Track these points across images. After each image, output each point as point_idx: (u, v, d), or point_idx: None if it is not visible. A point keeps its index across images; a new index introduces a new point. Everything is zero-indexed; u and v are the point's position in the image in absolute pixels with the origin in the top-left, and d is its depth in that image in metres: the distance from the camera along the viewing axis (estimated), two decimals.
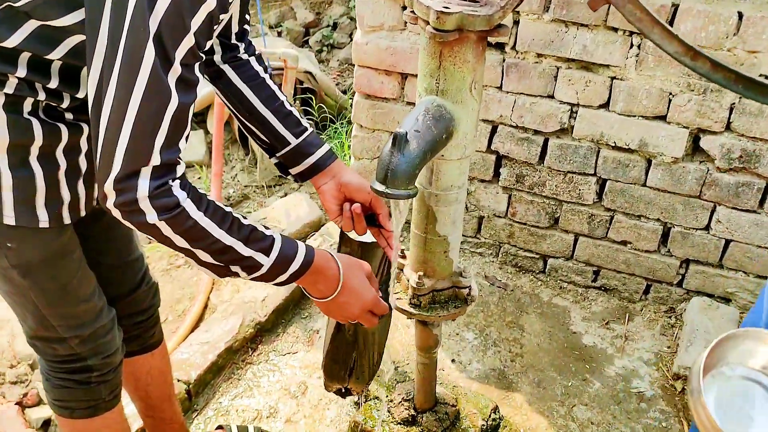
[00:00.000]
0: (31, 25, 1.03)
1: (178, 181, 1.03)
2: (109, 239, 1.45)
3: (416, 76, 2.41)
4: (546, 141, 2.40)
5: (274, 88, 1.38)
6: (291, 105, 1.40)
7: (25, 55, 1.06)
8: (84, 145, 1.19)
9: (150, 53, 0.92)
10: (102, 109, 0.97)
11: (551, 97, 2.30)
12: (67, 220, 1.22)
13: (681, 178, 2.28)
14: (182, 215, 1.02)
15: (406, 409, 1.96)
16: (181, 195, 1.02)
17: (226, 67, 1.36)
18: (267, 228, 1.15)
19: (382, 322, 1.41)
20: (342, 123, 3.39)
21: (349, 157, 2.83)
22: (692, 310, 2.43)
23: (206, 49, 1.03)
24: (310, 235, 2.74)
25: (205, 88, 2.80)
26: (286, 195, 3.00)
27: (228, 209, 1.11)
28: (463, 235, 2.45)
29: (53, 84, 1.10)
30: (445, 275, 1.65)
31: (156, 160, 0.99)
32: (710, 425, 0.97)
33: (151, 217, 1.00)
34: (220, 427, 1.93)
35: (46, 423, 2.12)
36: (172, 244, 1.05)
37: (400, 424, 1.93)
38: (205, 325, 2.35)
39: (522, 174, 2.49)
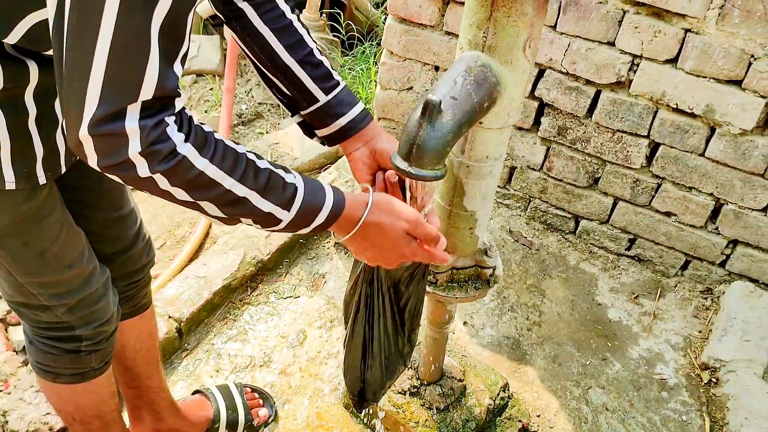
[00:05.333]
0: None
1: (174, 118, 0.80)
2: (101, 190, 1.23)
3: (460, 2, 2.12)
4: (598, 93, 2.12)
5: (303, 32, 1.12)
6: (321, 54, 1.15)
7: None
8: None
9: None
10: (64, 23, 0.72)
11: (611, 44, 2.01)
12: (42, 179, 1.01)
13: (746, 152, 2.01)
14: (182, 164, 0.81)
15: (408, 378, 1.81)
16: (178, 138, 0.80)
17: (245, 6, 1.09)
18: (288, 171, 0.94)
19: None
20: (371, 44, 3.09)
21: (375, 84, 2.57)
22: (732, 295, 2.22)
23: None
24: (325, 167, 2.52)
25: None
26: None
27: (242, 150, 0.89)
28: None
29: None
30: (468, 253, 1.45)
31: (148, 90, 0.75)
32: None
33: (143, 169, 0.79)
34: (197, 391, 1.78)
35: None
36: (172, 197, 0.85)
37: (401, 393, 1.78)
38: (204, 258, 2.19)
39: (565, 126, 2.22)
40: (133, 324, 1.44)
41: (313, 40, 1.15)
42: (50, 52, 0.91)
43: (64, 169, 1.05)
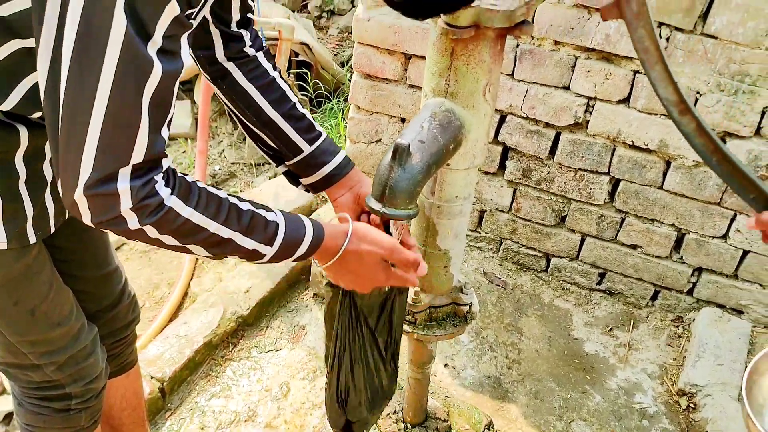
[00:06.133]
0: None
1: (161, 175, 0.85)
2: (86, 249, 1.27)
3: (421, 57, 2.22)
4: (558, 135, 2.22)
5: (285, 87, 1.19)
6: (303, 107, 1.22)
7: None
8: (48, 150, 1.01)
9: (120, 22, 0.72)
10: (60, 97, 0.76)
11: (567, 88, 2.12)
12: (32, 238, 1.04)
13: (702, 183, 2.11)
14: (169, 214, 0.85)
15: (394, 422, 1.82)
16: (164, 192, 0.84)
17: (230, 66, 1.16)
18: (269, 210, 0.98)
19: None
20: (339, 101, 3.19)
21: (345, 138, 2.65)
22: (702, 322, 2.29)
23: (195, 15, 0.84)
24: None
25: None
26: (275, 176, 2.82)
27: (223, 195, 0.93)
28: None
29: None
30: (444, 291, 1.50)
31: (138, 155, 0.80)
32: None
33: (133, 222, 0.83)
34: None
35: (8, 416, 1.97)
36: (162, 244, 0.89)
37: None
38: (184, 317, 2.20)
39: (529, 168, 2.32)
40: (119, 383, 1.45)
41: (295, 95, 1.22)
42: (38, 115, 0.96)
43: (53, 229, 1.08)
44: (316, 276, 2.32)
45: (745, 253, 2.20)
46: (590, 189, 2.27)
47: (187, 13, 0.78)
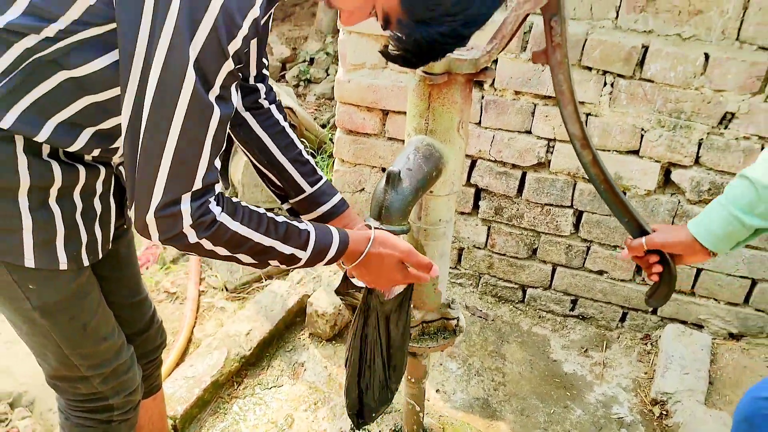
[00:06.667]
0: (55, 79, 1.04)
1: (214, 197, 1.06)
2: (121, 278, 1.46)
3: (397, 112, 2.48)
4: (524, 175, 2.47)
5: (293, 136, 1.42)
6: (308, 154, 1.44)
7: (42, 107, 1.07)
8: (99, 187, 1.21)
9: (191, 77, 0.93)
10: (138, 136, 0.97)
11: (528, 132, 2.39)
12: (85, 261, 1.23)
13: (654, 209, 2.37)
14: (220, 229, 1.06)
15: None
16: (216, 210, 1.05)
17: (247, 115, 1.39)
18: (300, 221, 1.19)
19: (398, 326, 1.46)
20: (323, 157, 3.44)
21: None
22: (667, 337, 2.50)
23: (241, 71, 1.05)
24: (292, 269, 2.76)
25: None
26: None
27: (261, 211, 1.14)
28: None
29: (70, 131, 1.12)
30: (434, 307, 1.69)
31: (198, 182, 1.01)
32: None
33: (192, 237, 1.03)
34: None
35: None
36: (215, 255, 1.09)
37: None
38: (190, 360, 2.35)
39: (501, 206, 2.56)
40: (147, 405, 1.61)
41: (301, 142, 1.45)
42: (95, 154, 1.17)
43: (100, 255, 1.27)
44: (311, 316, 2.50)
45: (699, 271, 2.44)
46: (557, 222, 2.51)
47: (237, 67, 1.00)
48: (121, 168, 1.28)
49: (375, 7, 1.03)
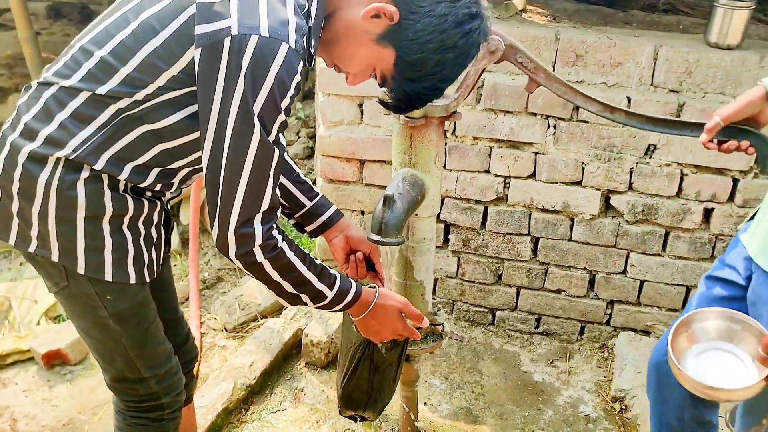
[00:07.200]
0: (136, 132, 1.35)
1: (275, 224, 1.34)
2: (164, 299, 1.73)
3: (372, 161, 2.84)
4: (486, 209, 2.84)
5: (292, 162, 1.75)
6: (304, 176, 1.77)
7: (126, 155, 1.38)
8: (155, 217, 1.50)
9: (257, 127, 1.24)
10: (219, 172, 1.26)
11: (487, 171, 2.77)
12: (147, 278, 1.51)
13: (599, 231, 2.76)
14: (281, 254, 1.35)
15: None
16: (279, 237, 1.35)
17: None
18: (330, 267, 1.48)
19: (393, 366, 1.76)
20: None
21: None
22: (621, 344, 2.85)
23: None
24: (285, 308, 3.04)
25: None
26: None
27: (305, 250, 1.43)
28: None
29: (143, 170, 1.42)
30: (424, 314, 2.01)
31: (265, 204, 1.30)
32: (698, 386, 1.32)
33: (259, 256, 1.32)
34: None
35: None
36: (269, 278, 1.37)
37: None
38: (200, 391, 2.59)
39: (468, 238, 2.91)
40: (183, 413, 1.86)
41: (297, 168, 1.77)
42: (157, 189, 1.47)
43: (155, 274, 1.56)
44: (307, 346, 2.77)
45: (642, 282, 2.82)
46: (517, 248, 2.87)
47: (286, 118, 1.33)
48: (168, 204, 1.59)
49: (375, 69, 1.38)
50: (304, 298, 1.44)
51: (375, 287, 1.60)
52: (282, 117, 1.29)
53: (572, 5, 3.26)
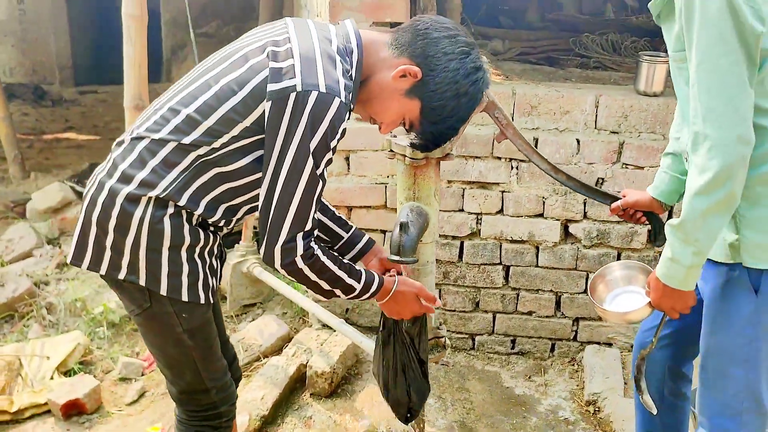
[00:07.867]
0: (209, 174, 1.65)
1: (313, 238, 1.65)
2: (217, 321, 2.00)
3: (359, 207, 3.19)
4: (462, 243, 3.22)
5: (327, 202, 2.07)
6: (338, 213, 2.09)
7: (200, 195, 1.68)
8: (215, 249, 1.80)
9: (310, 162, 1.57)
10: (273, 198, 1.58)
11: (462, 210, 3.16)
12: (211, 300, 1.79)
13: (561, 256, 3.16)
14: (317, 259, 1.66)
15: None
16: (315, 247, 1.66)
17: None
18: (355, 264, 1.79)
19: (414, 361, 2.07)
20: None
21: None
22: (588, 356, 3.23)
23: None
24: (285, 346, 3.30)
25: None
26: (254, 319, 3.56)
27: (336, 254, 1.75)
28: None
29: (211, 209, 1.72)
30: (428, 329, 2.34)
31: (309, 225, 1.62)
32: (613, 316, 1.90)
33: (300, 263, 1.63)
34: None
35: None
36: (308, 279, 1.67)
37: None
38: None
39: (447, 271, 3.27)
40: None
41: (332, 207, 2.10)
42: (217, 225, 1.76)
43: (215, 299, 1.84)
44: (311, 378, 3.03)
45: None
46: (491, 277, 3.25)
47: (333, 156, 1.67)
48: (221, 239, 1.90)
49: (405, 118, 1.75)
50: (338, 292, 1.75)
51: (394, 276, 1.92)
52: (330, 155, 1.63)
53: (519, 66, 3.76)
